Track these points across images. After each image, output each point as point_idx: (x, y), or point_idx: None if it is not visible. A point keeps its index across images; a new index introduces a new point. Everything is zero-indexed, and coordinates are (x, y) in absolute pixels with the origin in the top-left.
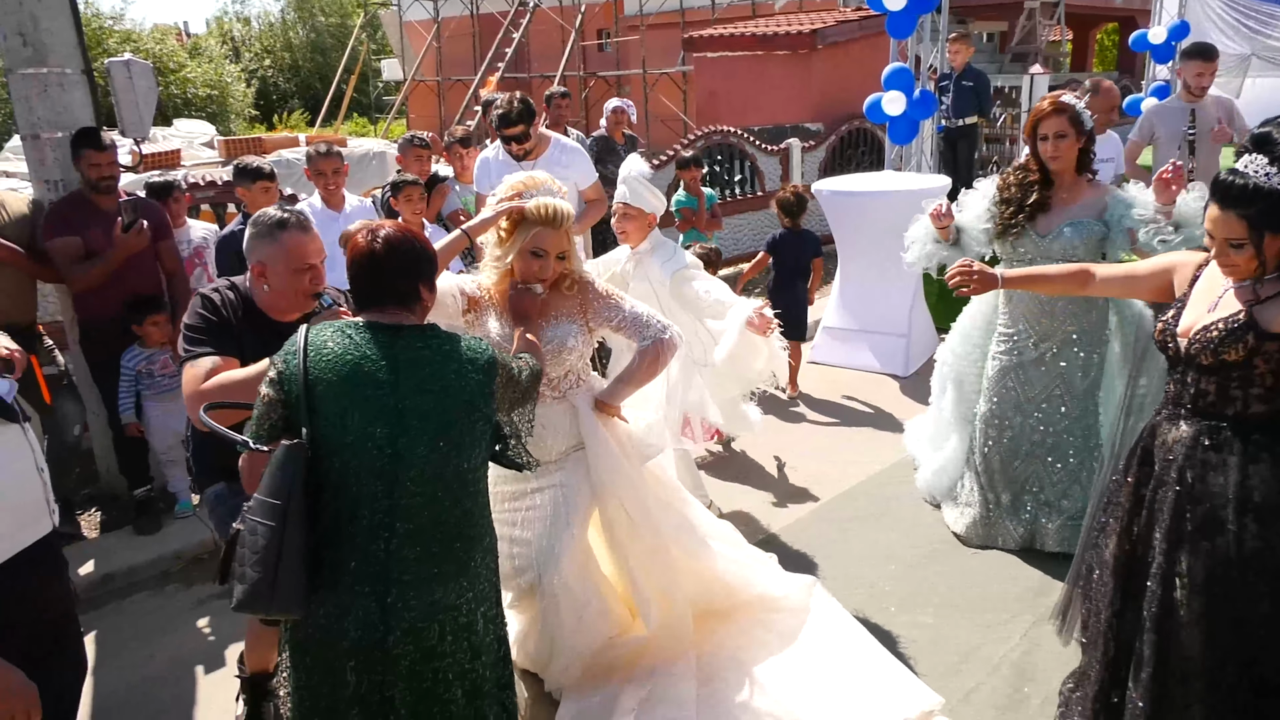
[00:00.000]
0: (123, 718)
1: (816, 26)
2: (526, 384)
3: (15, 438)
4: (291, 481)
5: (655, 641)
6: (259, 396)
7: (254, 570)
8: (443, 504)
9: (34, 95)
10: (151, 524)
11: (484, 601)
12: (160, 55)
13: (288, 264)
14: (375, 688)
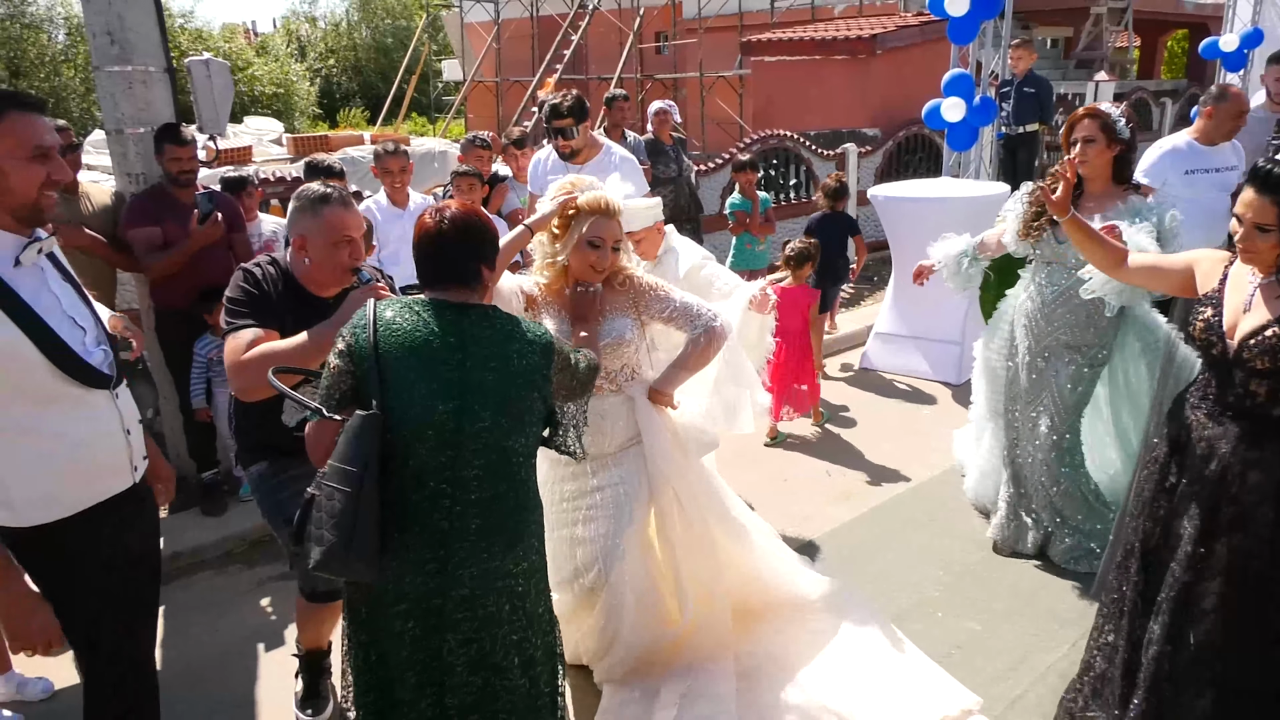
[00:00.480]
0: (187, 690)
1: (876, 32)
2: (584, 375)
3: (104, 401)
4: (369, 450)
5: (695, 637)
6: (328, 367)
7: (331, 533)
8: (501, 477)
9: (119, 92)
10: (217, 506)
11: (536, 573)
12: (229, 54)
13: (327, 237)
14: (433, 653)
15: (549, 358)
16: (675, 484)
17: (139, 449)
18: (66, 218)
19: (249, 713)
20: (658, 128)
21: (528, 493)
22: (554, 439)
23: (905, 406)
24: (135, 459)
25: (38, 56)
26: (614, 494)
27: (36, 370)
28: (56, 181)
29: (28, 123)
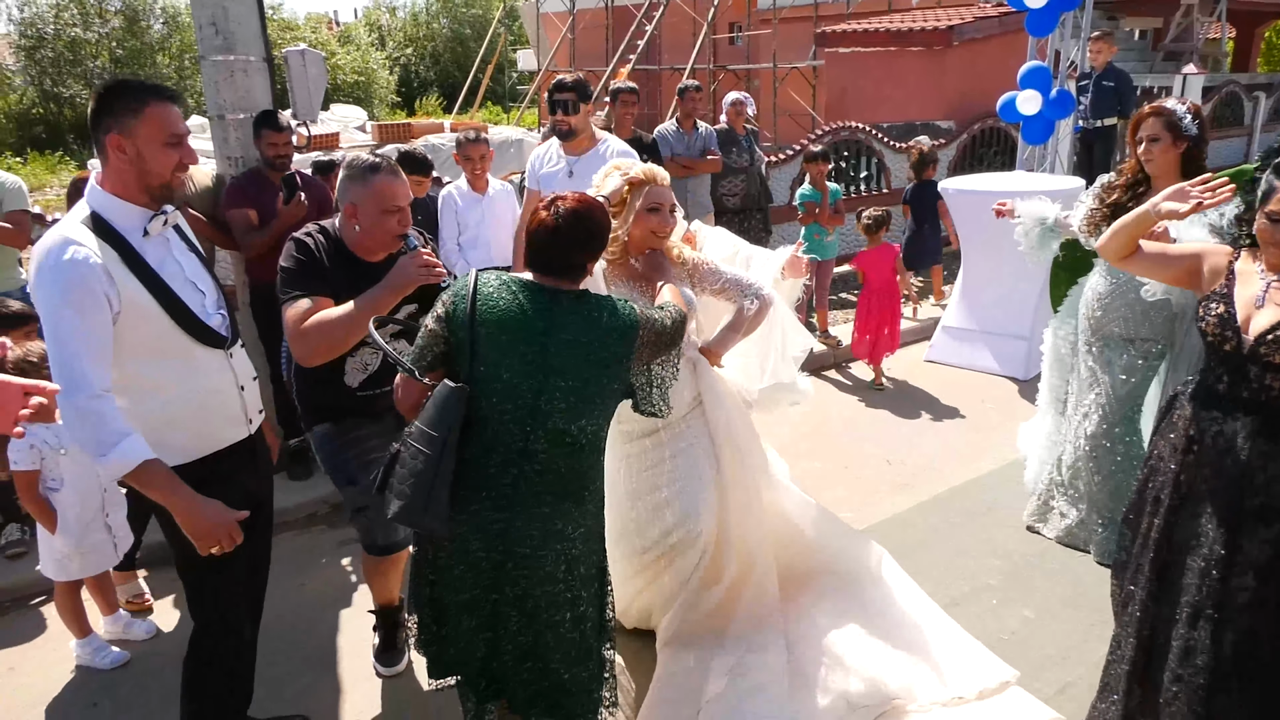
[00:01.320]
0: (276, 639)
1: (954, 23)
2: (672, 330)
3: (221, 360)
4: (452, 419)
5: (742, 604)
6: (424, 329)
7: (410, 490)
8: (569, 451)
9: (221, 80)
10: (303, 471)
11: (591, 537)
12: (314, 43)
13: (377, 205)
14: (491, 604)
15: (632, 340)
16: (736, 440)
17: (253, 404)
18: None
19: (331, 662)
20: (732, 118)
21: (591, 463)
22: (638, 403)
23: (970, 400)
24: (250, 412)
25: (135, 46)
26: (690, 455)
27: (163, 329)
28: (185, 165)
29: (165, 112)
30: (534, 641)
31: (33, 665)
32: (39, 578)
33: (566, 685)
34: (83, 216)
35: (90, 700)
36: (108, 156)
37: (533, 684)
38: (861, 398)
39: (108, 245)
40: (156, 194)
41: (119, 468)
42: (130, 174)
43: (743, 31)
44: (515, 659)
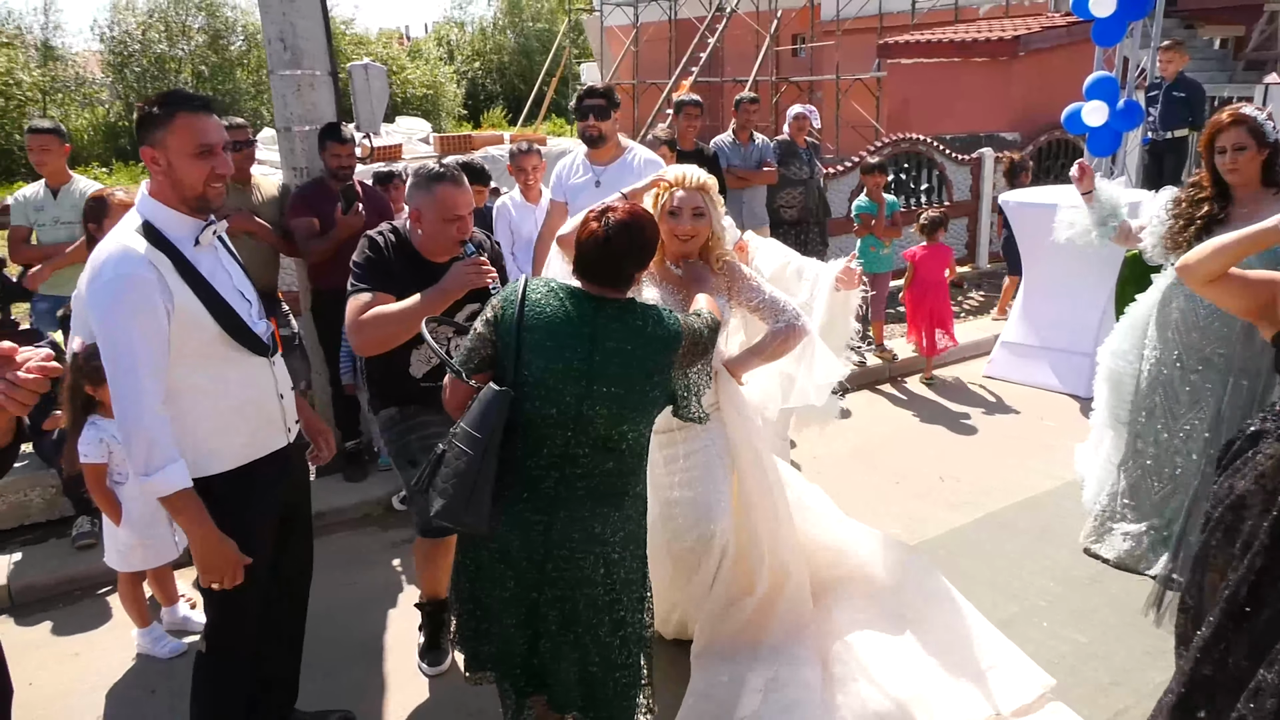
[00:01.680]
0: (326, 635)
1: (1020, 33)
2: (707, 337)
3: (264, 368)
4: (495, 421)
5: (775, 616)
6: (473, 332)
7: (453, 489)
8: (610, 456)
9: (289, 94)
10: (358, 473)
11: (632, 542)
12: (385, 58)
13: (439, 213)
14: (530, 604)
15: (675, 348)
16: (756, 449)
17: (291, 413)
18: (239, 206)
19: (377, 658)
20: (794, 131)
21: (633, 469)
22: (678, 410)
23: (1029, 418)
24: (289, 421)
25: (216, 62)
26: (704, 456)
27: (213, 336)
28: (220, 175)
29: (192, 122)
30: (573, 642)
31: (97, 651)
32: (106, 568)
33: (604, 687)
34: (136, 225)
35: (149, 687)
36: (151, 170)
37: (570, 682)
38: (916, 413)
39: (161, 253)
40: (193, 205)
41: (160, 489)
42: (166, 185)
43: (806, 43)
44: (553, 657)
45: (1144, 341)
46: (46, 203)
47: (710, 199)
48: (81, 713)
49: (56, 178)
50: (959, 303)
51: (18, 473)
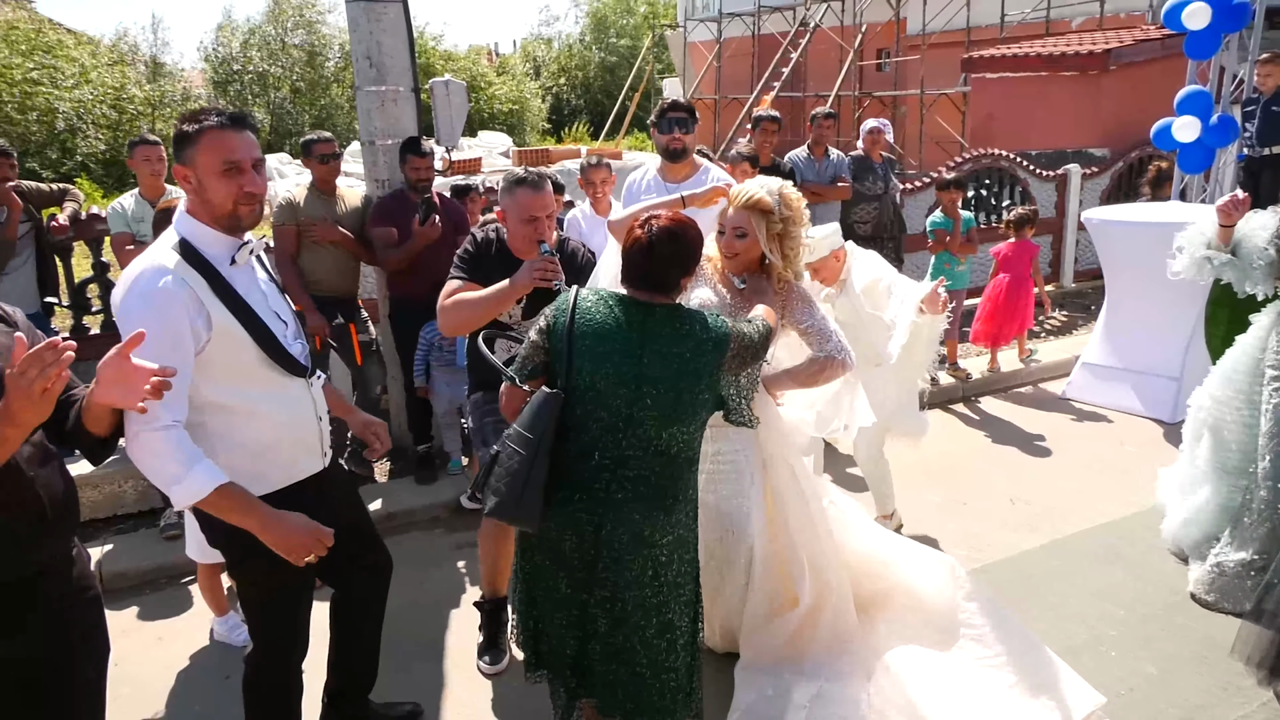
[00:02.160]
0: (394, 631)
1: (1110, 46)
2: (759, 343)
3: (301, 389)
4: (546, 422)
5: (819, 631)
6: (527, 340)
7: (505, 488)
8: (660, 459)
9: (374, 109)
10: (429, 476)
11: (681, 545)
12: (473, 74)
13: (517, 214)
14: (580, 605)
15: (723, 351)
16: (789, 461)
17: (328, 436)
18: (324, 215)
19: (439, 656)
20: (869, 146)
21: (683, 472)
22: (728, 414)
23: (1108, 441)
24: (325, 445)
25: (313, 78)
26: (734, 459)
27: (251, 357)
28: (251, 194)
29: (220, 139)
30: (621, 644)
31: (177, 637)
32: (189, 559)
33: (650, 690)
34: (173, 243)
35: (223, 673)
36: (184, 188)
37: (618, 685)
38: (989, 433)
39: (197, 273)
40: (224, 224)
41: (193, 493)
42: (198, 204)
43: (891, 58)
44: (602, 659)
45: (1251, 385)
46: (146, 214)
47: (765, 220)
48: (160, 694)
49: (156, 190)
50: (1040, 323)
51: (113, 465)
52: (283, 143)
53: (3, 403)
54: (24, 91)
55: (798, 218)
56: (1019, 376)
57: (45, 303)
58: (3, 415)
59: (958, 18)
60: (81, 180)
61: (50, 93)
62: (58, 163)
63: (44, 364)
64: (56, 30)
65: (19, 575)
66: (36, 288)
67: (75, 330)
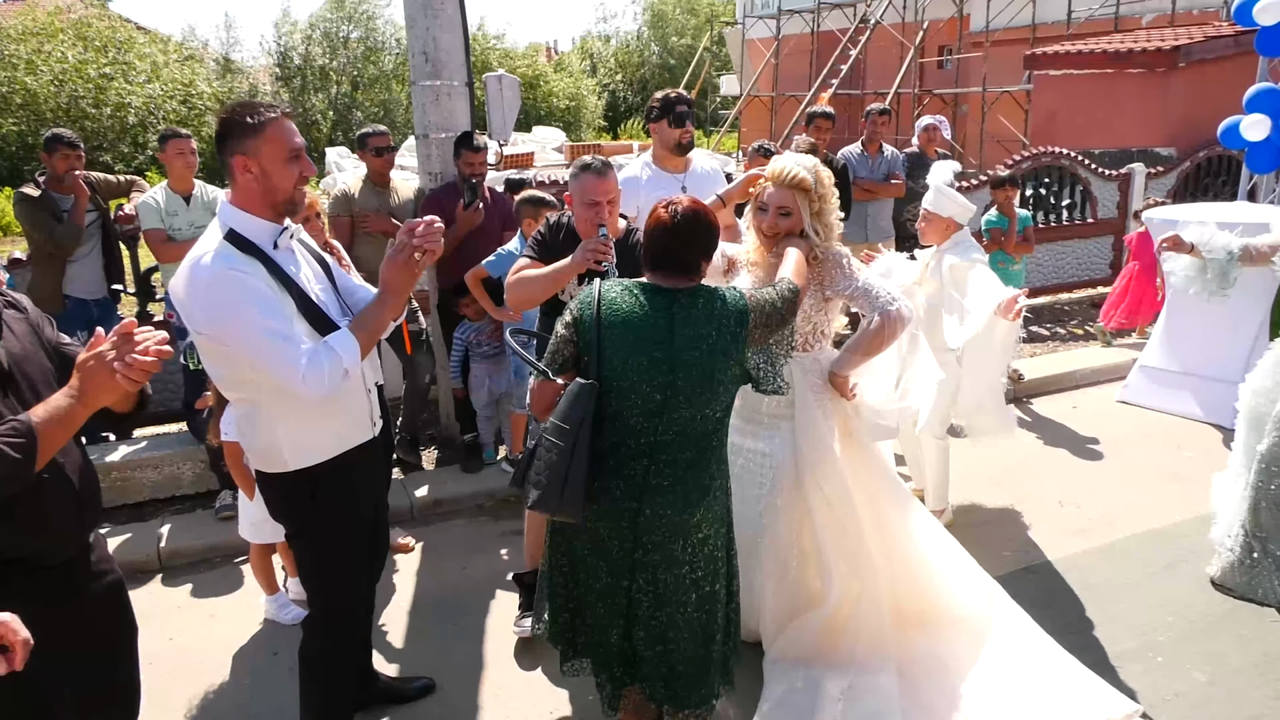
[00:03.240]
0: (439, 611)
1: (1180, 43)
2: (783, 307)
3: None
4: (583, 414)
5: (851, 629)
6: (555, 334)
7: (545, 479)
8: (693, 441)
9: (428, 103)
10: (475, 465)
11: (718, 522)
12: (530, 71)
13: (580, 198)
14: (623, 590)
15: (744, 324)
16: (818, 467)
17: (377, 408)
18: (378, 207)
19: (479, 638)
20: (924, 143)
21: (717, 453)
22: (758, 384)
23: (1165, 446)
24: (374, 415)
25: (374, 74)
26: (764, 461)
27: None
28: (305, 178)
29: (285, 129)
30: (665, 623)
31: (229, 614)
32: (243, 539)
33: (696, 665)
34: (220, 234)
35: (272, 649)
36: (236, 178)
37: (665, 666)
38: (1041, 435)
39: (248, 257)
40: (282, 209)
41: (355, 356)
42: (257, 192)
43: (953, 55)
44: (647, 643)
45: None
46: (179, 208)
47: (807, 198)
48: (213, 669)
49: (186, 184)
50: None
51: (172, 447)
52: (343, 136)
53: (78, 384)
54: (98, 87)
55: (829, 195)
56: (1074, 379)
57: (112, 289)
58: (76, 395)
59: (1023, 14)
60: (151, 174)
61: (123, 88)
62: (130, 156)
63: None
64: (128, 28)
65: (57, 561)
66: (103, 275)
67: (140, 316)
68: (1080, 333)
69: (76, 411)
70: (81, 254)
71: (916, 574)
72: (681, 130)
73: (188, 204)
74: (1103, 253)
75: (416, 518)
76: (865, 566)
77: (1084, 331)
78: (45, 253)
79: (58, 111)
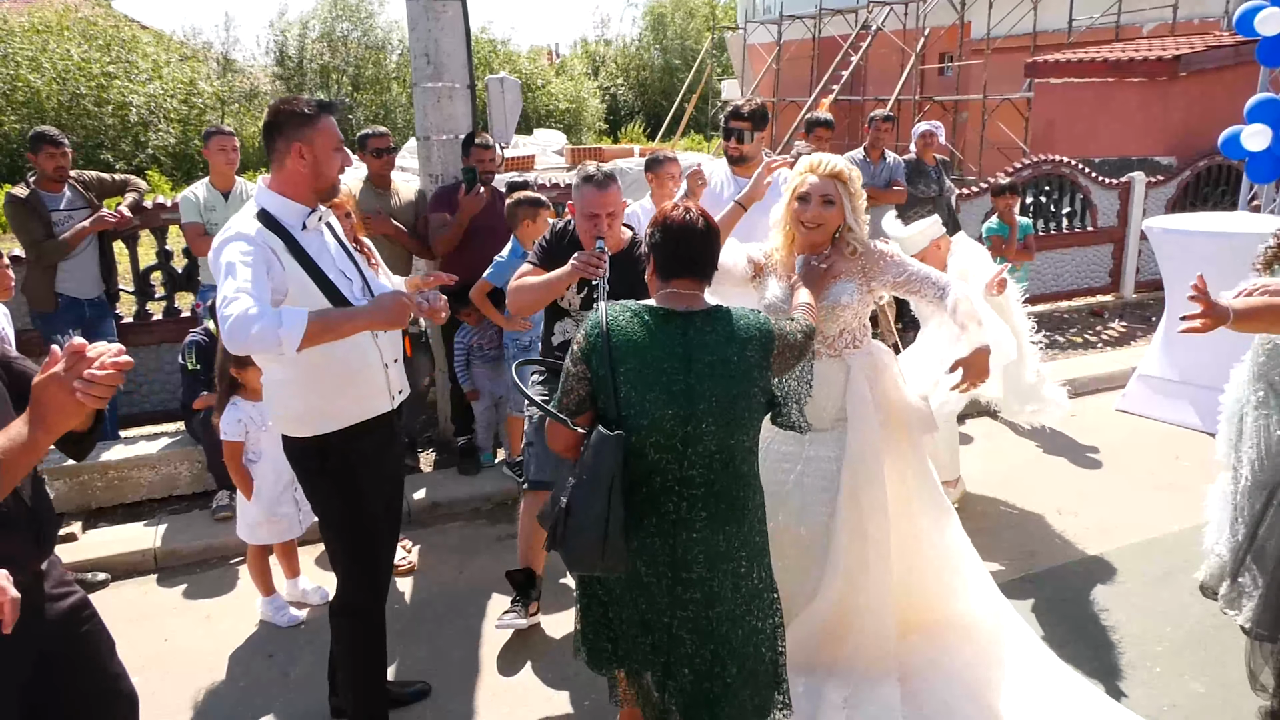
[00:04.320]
0: (433, 614)
1: (1181, 52)
2: (801, 343)
3: (368, 340)
4: (612, 465)
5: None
6: (565, 372)
7: (583, 540)
8: (725, 471)
9: (429, 105)
10: (472, 467)
11: (758, 554)
12: (531, 74)
13: (581, 209)
14: (664, 628)
15: (768, 348)
16: (859, 470)
17: (396, 381)
18: (379, 208)
19: (476, 641)
20: (921, 149)
21: (749, 481)
22: (777, 417)
23: (1163, 455)
24: (393, 389)
25: (374, 75)
26: (824, 469)
27: (319, 308)
28: (344, 168)
29: (332, 123)
30: (710, 658)
31: (225, 615)
32: (240, 540)
33: (743, 694)
34: (255, 212)
35: (267, 651)
36: (285, 163)
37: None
38: (1039, 443)
39: (275, 235)
40: (325, 193)
41: (295, 332)
42: (305, 177)
43: (954, 62)
44: (694, 681)
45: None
46: (218, 203)
47: (847, 190)
48: (207, 670)
49: (227, 180)
50: (1097, 333)
51: (170, 448)
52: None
53: (37, 409)
54: (100, 85)
55: (859, 192)
56: (1073, 387)
57: (108, 290)
58: (36, 421)
59: (1024, 22)
60: (152, 172)
61: (125, 87)
62: (130, 154)
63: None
64: (131, 26)
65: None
66: (98, 274)
67: (139, 316)
68: (1079, 341)
69: (39, 439)
70: (75, 253)
71: (933, 584)
72: (727, 144)
73: (226, 200)
74: (1102, 261)
75: (414, 520)
76: (875, 578)
77: (1083, 339)
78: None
79: (60, 110)
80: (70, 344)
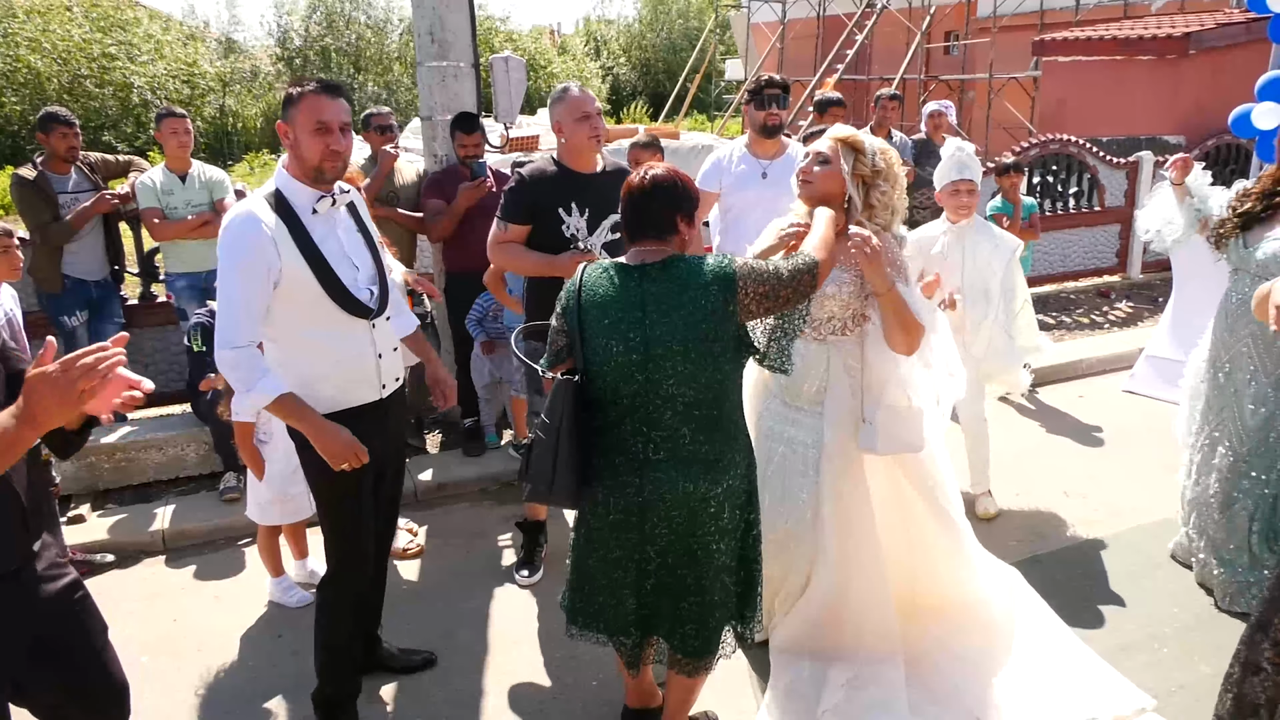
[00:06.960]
0: (442, 595)
1: (1191, 30)
2: (790, 280)
3: (363, 329)
4: (563, 407)
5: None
6: (551, 327)
7: (537, 472)
8: (690, 413)
9: (434, 85)
10: (478, 449)
11: (733, 494)
12: (533, 53)
13: (573, 115)
14: (635, 561)
15: (730, 289)
16: (837, 460)
17: (389, 371)
18: None
19: (483, 622)
20: (931, 129)
21: (724, 423)
22: (761, 359)
23: (1171, 437)
24: (384, 378)
25: (375, 55)
26: (804, 454)
27: (314, 297)
28: (335, 151)
29: (315, 102)
30: (678, 584)
31: (234, 596)
32: (248, 521)
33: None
34: (268, 192)
35: (276, 632)
36: (285, 145)
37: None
38: (1045, 424)
39: (281, 220)
40: (312, 176)
41: (261, 399)
42: (293, 159)
43: (960, 40)
44: (658, 595)
45: None
46: (175, 186)
47: (853, 157)
48: (216, 650)
49: (182, 164)
50: (1104, 313)
51: (176, 429)
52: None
53: (26, 404)
54: (102, 66)
55: (892, 178)
56: (1079, 368)
57: (114, 270)
58: (24, 417)
59: (1030, 0)
60: (153, 154)
61: (126, 68)
62: (132, 136)
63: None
64: (133, 7)
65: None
66: (104, 256)
67: (143, 298)
68: (1086, 321)
69: (25, 434)
70: (82, 235)
71: (938, 567)
72: (766, 113)
73: (184, 183)
74: (1110, 241)
75: (421, 501)
76: (866, 566)
77: (1090, 320)
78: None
79: (61, 91)
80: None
